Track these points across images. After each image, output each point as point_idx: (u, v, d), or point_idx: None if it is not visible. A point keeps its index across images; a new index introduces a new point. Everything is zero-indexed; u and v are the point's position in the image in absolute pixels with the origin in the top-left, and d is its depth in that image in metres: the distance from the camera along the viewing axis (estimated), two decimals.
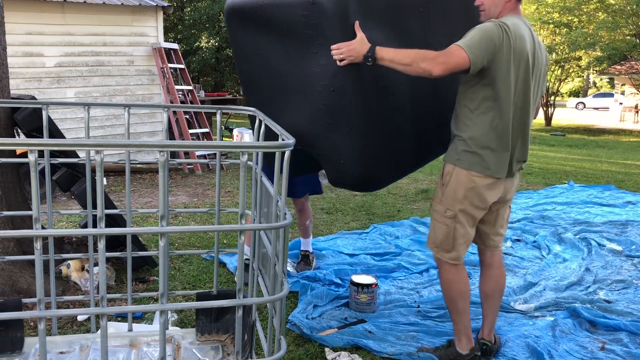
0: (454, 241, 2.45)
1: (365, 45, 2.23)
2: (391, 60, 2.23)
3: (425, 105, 2.60)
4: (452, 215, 2.42)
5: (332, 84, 2.35)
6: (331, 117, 2.41)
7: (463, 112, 2.38)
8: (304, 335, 2.82)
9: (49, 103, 2.27)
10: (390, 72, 2.33)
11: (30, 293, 3.01)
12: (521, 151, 2.43)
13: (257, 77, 2.70)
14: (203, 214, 5.23)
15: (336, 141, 2.43)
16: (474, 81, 2.31)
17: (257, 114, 2.16)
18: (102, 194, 1.44)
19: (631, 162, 10.19)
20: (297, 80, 2.50)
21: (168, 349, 2.14)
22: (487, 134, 2.32)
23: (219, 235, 2.34)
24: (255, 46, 2.64)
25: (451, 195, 2.41)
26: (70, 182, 3.32)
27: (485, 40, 2.19)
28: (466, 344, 2.56)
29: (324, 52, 2.32)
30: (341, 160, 2.45)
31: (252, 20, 2.57)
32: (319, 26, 2.31)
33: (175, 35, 21.54)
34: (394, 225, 5.00)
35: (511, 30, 2.23)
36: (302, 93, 2.50)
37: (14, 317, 1.40)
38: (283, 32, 2.46)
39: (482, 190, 2.38)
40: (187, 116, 8.24)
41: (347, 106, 2.34)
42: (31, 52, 7.01)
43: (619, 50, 19.55)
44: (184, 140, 1.51)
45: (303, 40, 2.39)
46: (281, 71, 2.56)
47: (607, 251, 4.34)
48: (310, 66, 2.42)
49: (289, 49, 2.49)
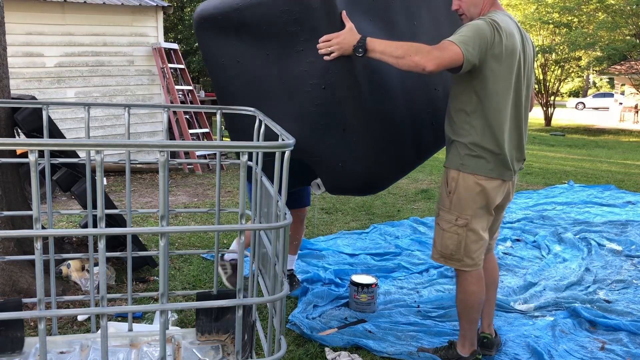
0: (466, 249, 2.38)
1: (355, 36, 2.12)
2: (382, 52, 2.12)
3: (418, 98, 2.50)
4: (464, 224, 2.35)
5: (323, 81, 2.23)
6: (325, 117, 2.28)
7: (460, 117, 2.31)
8: (304, 335, 2.82)
9: (49, 103, 2.27)
10: (382, 64, 2.22)
11: (30, 293, 3.02)
12: (520, 150, 2.40)
13: (236, 89, 2.54)
14: (203, 214, 5.23)
15: (332, 143, 2.31)
16: (466, 83, 2.25)
17: (257, 114, 2.15)
18: (102, 194, 1.44)
19: (631, 162, 10.19)
20: (281, 85, 2.37)
21: (168, 348, 2.14)
22: (488, 136, 2.27)
23: (219, 235, 2.34)
24: (231, 55, 2.47)
25: (461, 202, 2.34)
26: (70, 182, 3.33)
27: (477, 38, 2.13)
28: (469, 347, 2.55)
29: (310, 48, 2.21)
30: (339, 163, 2.33)
31: (225, 27, 2.43)
32: (304, 20, 2.19)
33: (175, 36, 21.54)
34: (394, 225, 5.00)
35: (502, 26, 2.18)
36: (288, 97, 2.37)
37: (14, 317, 1.40)
38: (262, 34, 2.33)
39: (490, 193, 2.33)
40: (187, 116, 8.24)
41: (342, 103, 2.22)
42: (31, 52, 7.01)
43: (619, 51, 19.54)
44: (184, 141, 1.52)
45: (286, 39, 2.27)
46: (262, 77, 2.42)
47: (607, 251, 4.34)
48: (296, 66, 2.29)
49: (269, 52, 2.35)
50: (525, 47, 2.33)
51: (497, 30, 2.16)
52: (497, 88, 2.23)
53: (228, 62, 2.51)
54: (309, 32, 2.21)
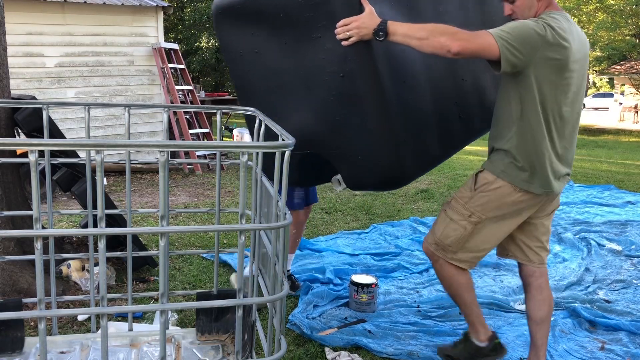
0: (467, 244, 2.28)
1: (376, 19, 2.00)
2: (404, 34, 1.98)
3: (444, 88, 2.37)
4: (477, 221, 2.24)
5: (341, 69, 2.12)
6: (343, 108, 2.17)
7: (505, 124, 2.18)
8: (304, 335, 2.83)
9: (50, 103, 2.28)
10: (404, 51, 2.11)
11: (30, 293, 3.02)
12: (566, 165, 2.25)
13: (255, 81, 2.48)
14: (203, 214, 5.23)
15: (352, 135, 2.19)
16: (513, 88, 2.11)
17: (257, 114, 2.15)
18: (103, 194, 1.44)
19: (631, 162, 10.19)
20: (299, 75, 2.28)
21: (168, 348, 2.14)
22: (535, 147, 2.14)
23: (219, 235, 2.34)
24: (250, 46, 2.40)
25: (483, 203, 2.23)
26: (70, 182, 3.33)
27: (521, 37, 1.97)
28: (483, 333, 2.42)
29: (328, 34, 2.10)
30: (359, 156, 2.21)
31: (243, 17, 2.36)
32: (321, 4, 2.08)
33: (175, 36, 21.55)
34: (394, 225, 5.00)
35: (555, 28, 2.01)
36: (306, 88, 2.27)
37: (15, 316, 1.40)
38: (279, 23, 2.24)
39: (521, 205, 2.22)
40: (187, 116, 8.25)
41: (361, 91, 2.11)
42: (31, 52, 7.02)
43: (619, 51, 19.57)
44: (184, 141, 1.52)
45: (303, 26, 2.18)
46: (281, 68, 2.33)
47: (606, 251, 4.35)
48: (314, 54, 2.19)
49: (287, 41, 2.25)
50: (582, 54, 2.15)
51: (548, 32, 2.00)
52: (545, 97, 2.08)
53: (246, 54, 2.44)
54: (325, 16, 2.10)
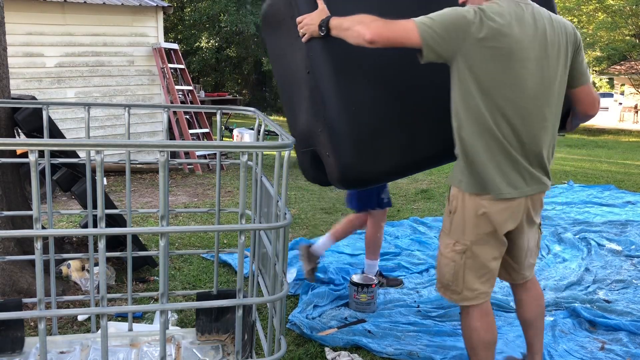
0: (465, 280, 2.06)
1: (322, 15, 2.03)
2: (336, 26, 1.98)
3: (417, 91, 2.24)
4: (463, 250, 2.03)
5: (308, 65, 2.18)
6: (312, 104, 2.19)
7: (455, 123, 1.99)
8: (304, 335, 2.83)
9: (50, 103, 2.28)
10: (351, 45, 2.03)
11: (30, 293, 3.02)
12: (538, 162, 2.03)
13: (282, 80, 2.60)
14: (203, 214, 5.23)
15: (319, 131, 2.19)
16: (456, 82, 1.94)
17: (257, 114, 2.16)
18: (103, 194, 1.44)
19: (631, 162, 10.19)
20: (297, 73, 2.35)
21: (168, 348, 2.14)
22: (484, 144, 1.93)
23: (219, 235, 2.35)
24: (279, 48, 2.54)
25: (460, 225, 2.03)
26: (70, 182, 3.33)
27: (447, 22, 1.84)
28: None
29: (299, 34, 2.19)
30: (327, 152, 2.19)
31: (270, 22, 2.53)
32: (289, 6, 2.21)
33: (175, 36, 21.55)
34: (394, 225, 5.00)
35: (488, 14, 1.84)
36: (298, 86, 2.33)
37: (15, 317, 1.40)
38: (285, 25, 2.36)
39: (495, 216, 1.97)
40: (187, 116, 8.24)
41: (320, 87, 2.12)
42: (31, 52, 7.02)
43: (619, 51, 19.58)
44: (184, 141, 1.52)
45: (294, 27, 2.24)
46: (291, 67, 2.41)
47: (606, 251, 4.34)
48: (300, 53, 2.25)
49: (293, 42, 2.31)
50: (542, 41, 1.92)
51: (478, 17, 1.83)
52: (489, 92, 1.89)
53: (276, 56, 2.60)
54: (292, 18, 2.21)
